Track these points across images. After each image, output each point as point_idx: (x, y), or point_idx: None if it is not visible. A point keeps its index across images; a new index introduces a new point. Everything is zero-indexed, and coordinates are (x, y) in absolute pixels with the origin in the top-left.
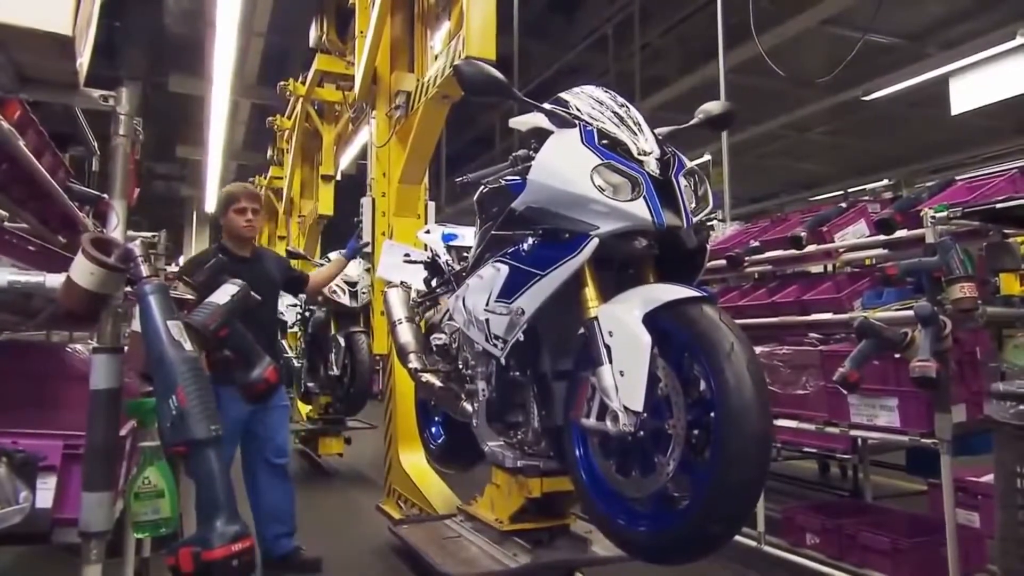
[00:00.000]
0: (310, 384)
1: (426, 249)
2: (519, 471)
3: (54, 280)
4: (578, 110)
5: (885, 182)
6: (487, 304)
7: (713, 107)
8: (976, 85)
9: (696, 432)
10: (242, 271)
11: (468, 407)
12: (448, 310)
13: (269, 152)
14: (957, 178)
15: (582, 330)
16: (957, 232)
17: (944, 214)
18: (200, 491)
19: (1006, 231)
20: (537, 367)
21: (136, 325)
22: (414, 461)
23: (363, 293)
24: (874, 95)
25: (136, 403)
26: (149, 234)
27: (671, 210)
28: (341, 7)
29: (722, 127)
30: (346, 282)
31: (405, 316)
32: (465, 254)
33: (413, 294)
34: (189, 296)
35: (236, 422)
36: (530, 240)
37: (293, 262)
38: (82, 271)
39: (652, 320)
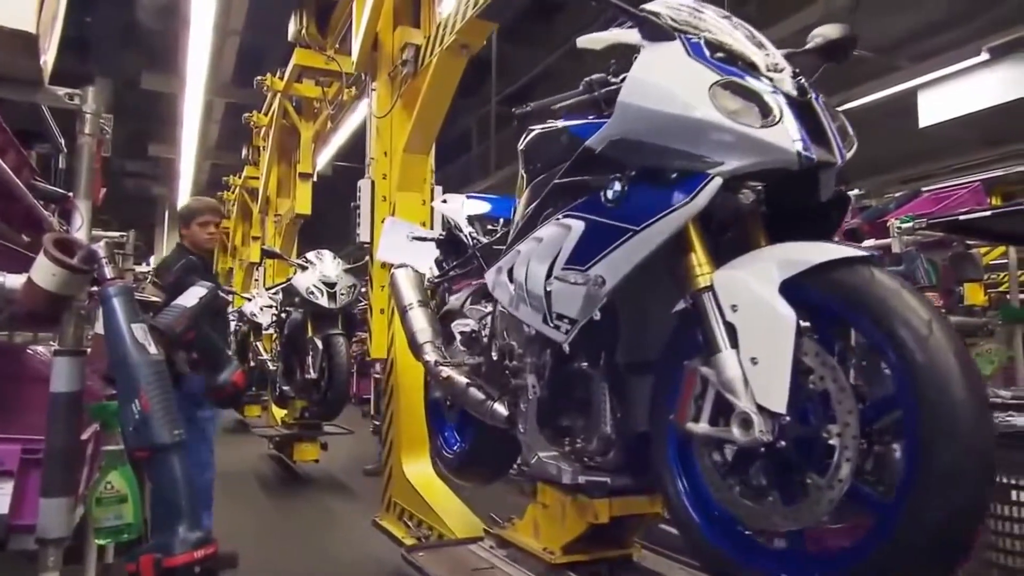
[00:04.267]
0: (285, 388)
1: (442, 224)
2: (580, 489)
3: (15, 280)
4: (674, 21)
5: (856, 192)
6: (549, 274)
7: (830, 31)
8: (944, 98)
9: (872, 443)
10: (205, 278)
11: (501, 408)
12: (468, 295)
13: (244, 151)
14: (924, 189)
15: (682, 305)
16: (923, 243)
17: (910, 225)
18: (162, 496)
19: (969, 242)
20: (611, 356)
21: (100, 327)
22: (420, 471)
23: (342, 294)
24: (847, 106)
25: (99, 406)
26: (117, 234)
27: (818, 143)
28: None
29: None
30: (324, 283)
31: (418, 300)
32: (491, 226)
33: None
34: (155, 299)
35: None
36: (617, 186)
37: (269, 262)
38: (44, 272)
39: (792, 290)
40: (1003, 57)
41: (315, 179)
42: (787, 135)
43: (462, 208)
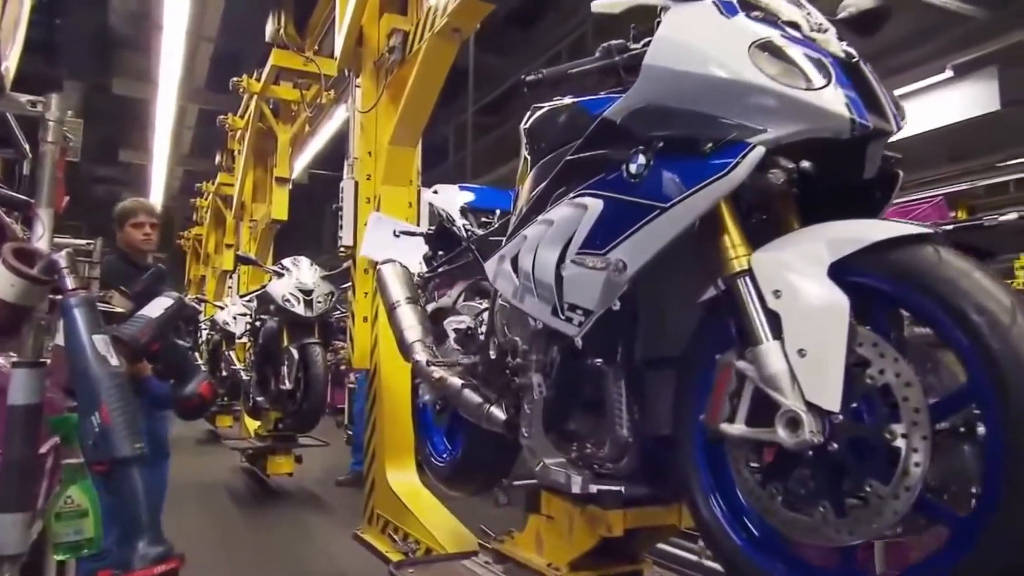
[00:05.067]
0: (259, 399)
1: (429, 217)
2: (592, 499)
3: None
4: None
5: None
6: (562, 260)
7: (863, 0)
8: (909, 114)
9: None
10: (138, 280)
11: (498, 412)
12: (461, 292)
13: (218, 158)
14: None
15: (712, 293)
16: None
17: None
18: (122, 511)
19: None
20: (629, 352)
21: (61, 338)
22: (406, 481)
23: (319, 302)
24: None
25: (59, 419)
26: (83, 241)
27: (872, 109)
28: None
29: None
30: (300, 290)
31: (406, 297)
32: (485, 218)
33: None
34: (120, 309)
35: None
36: (641, 159)
37: (243, 269)
38: (2, 283)
39: (840, 273)
40: (967, 74)
41: (291, 185)
42: (838, 99)
43: (455, 199)
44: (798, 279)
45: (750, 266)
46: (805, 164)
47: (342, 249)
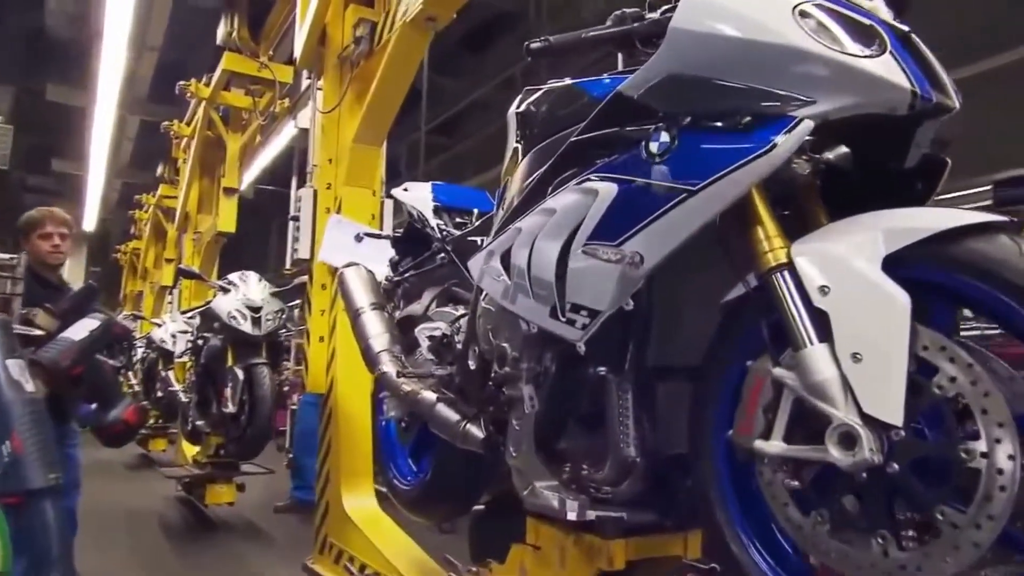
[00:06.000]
0: (199, 423)
1: (392, 219)
2: (589, 527)
3: None
4: None
5: None
6: (566, 253)
7: None
8: None
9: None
10: (52, 299)
11: (476, 429)
12: (433, 298)
13: (160, 169)
14: None
15: (740, 291)
16: None
17: None
18: (33, 544)
19: None
20: (639, 359)
21: None
22: (363, 506)
23: (268, 320)
24: None
25: None
26: (7, 256)
27: (931, 82)
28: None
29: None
30: (248, 307)
31: (371, 303)
32: (460, 219)
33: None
34: (40, 331)
35: None
36: (664, 137)
37: (186, 282)
38: None
39: (896, 267)
40: None
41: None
42: (896, 69)
43: (427, 197)
44: (849, 273)
45: (790, 259)
46: (842, 150)
47: (287, 268)
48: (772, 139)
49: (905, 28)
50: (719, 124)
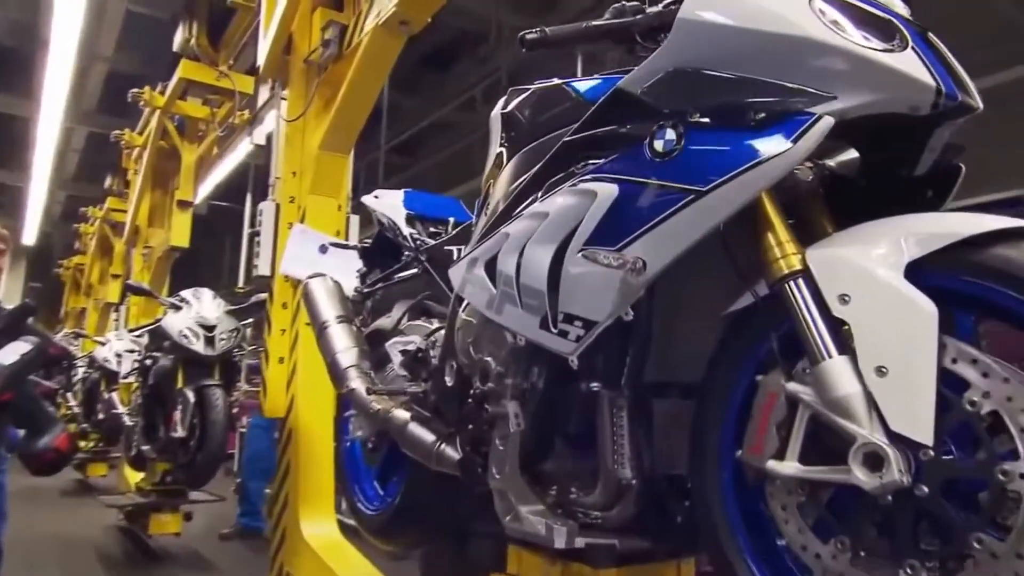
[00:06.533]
0: (144, 447)
1: (373, 228)
2: (579, 556)
3: None
4: None
5: None
6: (559, 259)
7: None
8: None
9: None
10: None
11: (451, 450)
12: (405, 311)
13: (108, 181)
14: None
15: (747, 301)
16: None
17: None
18: None
19: None
20: (636, 374)
21: None
22: (324, 533)
23: (222, 339)
24: None
25: None
26: None
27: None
28: (217, 7)
29: None
30: (201, 325)
31: (337, 316)
32: (434, 228)
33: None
34: None
35: None
36: (670, 134)
37: (134, 299)
38: None
39: (917, 275)
40: None
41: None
42: (919, 64)
43: (399, 205)
44: (871, 280)
45: (805, 266)
46: (850, 155)
47: (240, 287)
48: (789, 137)
49: (921, 25)
50: (731, 120)
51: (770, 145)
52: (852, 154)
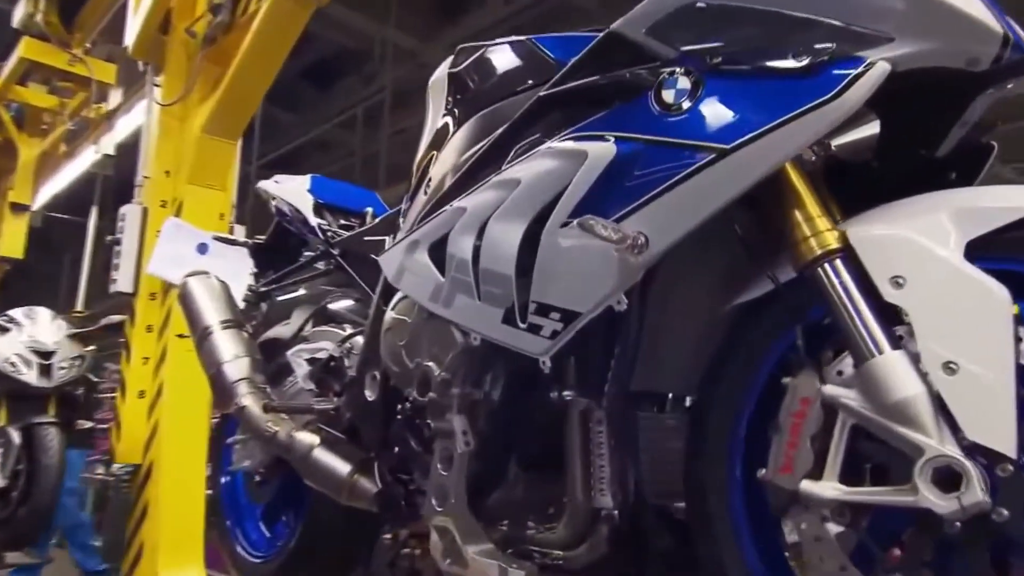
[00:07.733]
0: None
1: (274, 212)
2: None
3: None
4: None
5: None
6: (534, 234)
7: None
8: None
9: None
10: None
11: (368, 481)
12: (309, 317)
13: None
14: None
15: (765, 289)
16: None
17: None
18: None
19: None
20: (620, 380)
21: None
22: None
23: (61, 368)
24: None
25: None
26: None
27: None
28: None
29: None
30: (35, 351)
31: (222, 320)
32: (346, 221)
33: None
34: None
35: None
36: (682, 82)
37: None
38: None
39: (975, 256)
40: None
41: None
42: (984, 8)
43: (304, 192)
44: (931, 260)
45: (846, 243)
46: (871, 130)
47: (78, 311)
48: (836, 87)
49: None
50: (760, 66)
51: (811, 95)
52: (868, 130)
